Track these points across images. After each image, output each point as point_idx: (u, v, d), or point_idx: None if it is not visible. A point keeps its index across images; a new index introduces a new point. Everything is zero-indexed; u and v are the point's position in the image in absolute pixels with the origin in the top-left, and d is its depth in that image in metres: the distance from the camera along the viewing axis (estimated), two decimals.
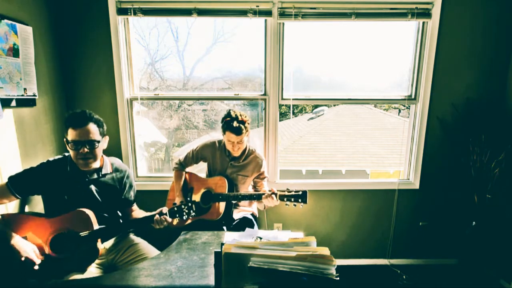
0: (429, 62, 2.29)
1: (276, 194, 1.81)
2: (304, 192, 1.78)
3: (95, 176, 1.57)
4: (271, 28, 2.25)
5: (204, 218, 1.99)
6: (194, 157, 2.13)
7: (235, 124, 1.88)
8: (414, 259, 2.62)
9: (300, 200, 1.77)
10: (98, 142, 1.49)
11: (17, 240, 1.34)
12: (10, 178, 1.49)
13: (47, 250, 1.42)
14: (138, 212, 1.76)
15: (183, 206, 1.56)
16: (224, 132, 1.96)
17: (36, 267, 1.35)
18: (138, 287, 1.17)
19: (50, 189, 1.51)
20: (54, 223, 1.44)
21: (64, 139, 1.49)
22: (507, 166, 2.17)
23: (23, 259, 1.32)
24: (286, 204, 1.81)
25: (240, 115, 1.93)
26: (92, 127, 1.47)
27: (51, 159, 1.55)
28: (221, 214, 1.92)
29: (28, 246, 1.36)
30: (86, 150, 1.45)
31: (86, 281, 1.30)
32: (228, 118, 1.92)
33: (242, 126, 1.90)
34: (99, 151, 1.51)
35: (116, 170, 1.66)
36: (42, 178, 1.50)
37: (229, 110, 1.97)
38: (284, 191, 1.82)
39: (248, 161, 2.07)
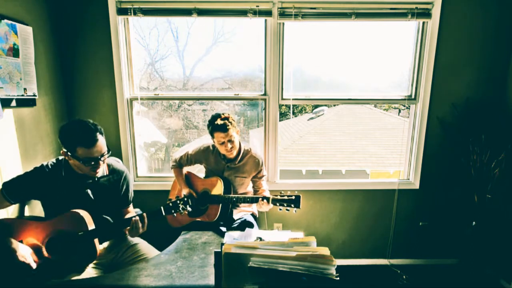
0: (429, 62, 2.29)
1: (268, 199, 1.80)
2: (297, 197, 1.75)
3: (91, 179, 1.55)
4: (271, 28, 2.25)
5: (201, 220, 1.99)
6: (188, 160, 2.14)
7: (218, 121, 1.89)
8: (414, 259, 2.62)
9: (292, 205, 1.75)
10: (108, 151, 1.49)
11: (13, 245, 1.33)
12: (4, 184, 1.47)
13: (44, 252, 1.41)
14: (132, 214, 1.74)
15: (178, 201, 1.55)
16: (212, 135, 1.95)
17: (33, 271, 1.34)
18: (138, 287, 1.17)
19: (46, 194, 1.50)
20: (49, 225, 1.43)
21: (65, 153, 1.42)
22: (507, 166, 2.17)
23: (21, 259, 1.31)
24: (280, 209, 1.80)
25: (222, 114, 1.93)
26: (101, 139, 1.44)
27: (45, 163, 1.52)
28: (217, 216, 1.92)
29: (25, 249, 1.35)
30: (101, 163, 1.45)
31: (86, 281, 1.30)
32: (211, 120, 1.94)
33: (227, 122, 1.89)
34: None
35: (113, 172, 1.64)
36: (36, 183, 1.48)
37: (213, 115, 1.97)
38: (277, 195, 1.80)
39: (245, 162, 2.06)
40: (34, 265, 1.35)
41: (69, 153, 1.41)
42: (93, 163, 1.43)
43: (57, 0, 2.13)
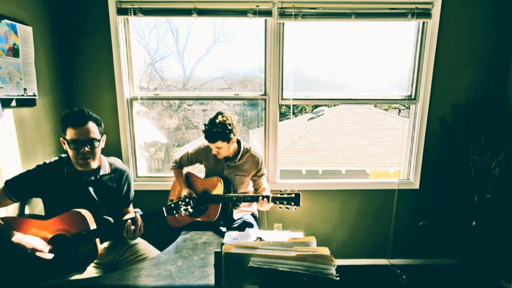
0: (429, 62, 2.29)
1: (268, 197, 1.81)
2: (297, 195, 1.76)
3: (93, 177, 1.56)
4: (271, 28, 2.25)
5: (201, 220, 1.99)
6: (188, 160, 2.14)
7: (209, 131, 1.88)
8: (414, 259, 2.62)
9: (292, 203, 1.76)
10: (98, 141, 1.49)
11: (19, 236, 1.34)
12: (7, 182, 1.47)
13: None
14: (131, 215, 1.74)
15: (180, 202, 1.55)
16: None
17: (48, 256, 1.35)
18: (138, 287, 1.17)
19: (48, 192, 1.50)
20: (50, 224, 1.43)
21: (61, 139, 1.47)
22: (507, 166, 2.17)
23: (29, 251, 1.31)
24: (280, 207, 1.80)
25: (218, 122, 1.86)
26: (92, 125, 1.46)
27: (47, 161, 1.53)
28: (217, 216, 1.92)
29: (32, 238, 1.36)
30: (87, 149, 1.44)
31: (86, 281, 1.30)
32: (207, 124, 1.91)
33: (218, 133, 1.85)
34: (98, 150, 1.51)
35: (115, 170, 1.65)
36: (39, 181, 1.48)
37: (211, 117, 1.93)
38: (277, 193, 1.81)
39: (244, 160, 2.06)
40: (46, 250, 1.35)
41: (62, 139, 1.46)
42: (80, 147, 1.42)
43: (57, 0, 2.14)
